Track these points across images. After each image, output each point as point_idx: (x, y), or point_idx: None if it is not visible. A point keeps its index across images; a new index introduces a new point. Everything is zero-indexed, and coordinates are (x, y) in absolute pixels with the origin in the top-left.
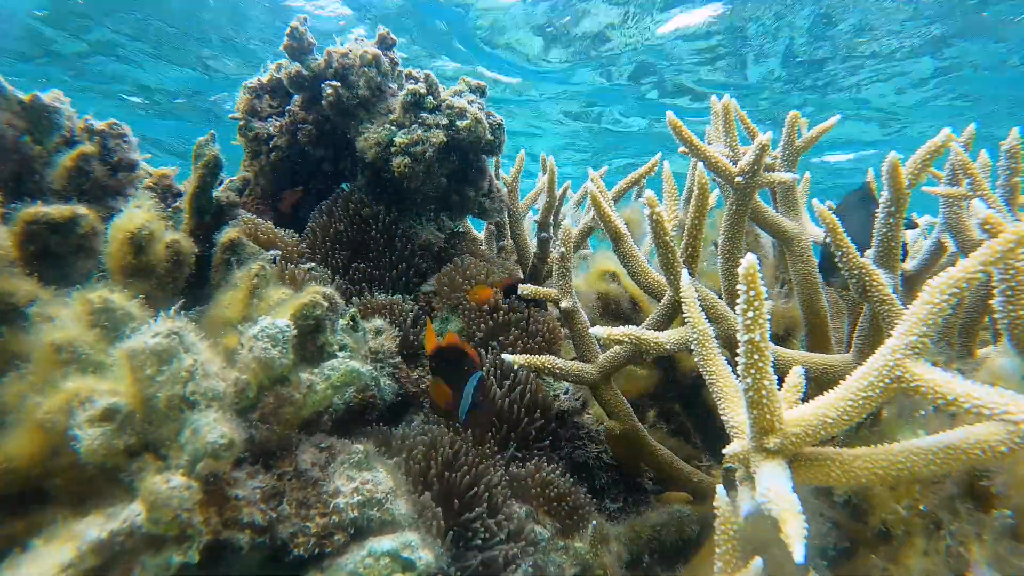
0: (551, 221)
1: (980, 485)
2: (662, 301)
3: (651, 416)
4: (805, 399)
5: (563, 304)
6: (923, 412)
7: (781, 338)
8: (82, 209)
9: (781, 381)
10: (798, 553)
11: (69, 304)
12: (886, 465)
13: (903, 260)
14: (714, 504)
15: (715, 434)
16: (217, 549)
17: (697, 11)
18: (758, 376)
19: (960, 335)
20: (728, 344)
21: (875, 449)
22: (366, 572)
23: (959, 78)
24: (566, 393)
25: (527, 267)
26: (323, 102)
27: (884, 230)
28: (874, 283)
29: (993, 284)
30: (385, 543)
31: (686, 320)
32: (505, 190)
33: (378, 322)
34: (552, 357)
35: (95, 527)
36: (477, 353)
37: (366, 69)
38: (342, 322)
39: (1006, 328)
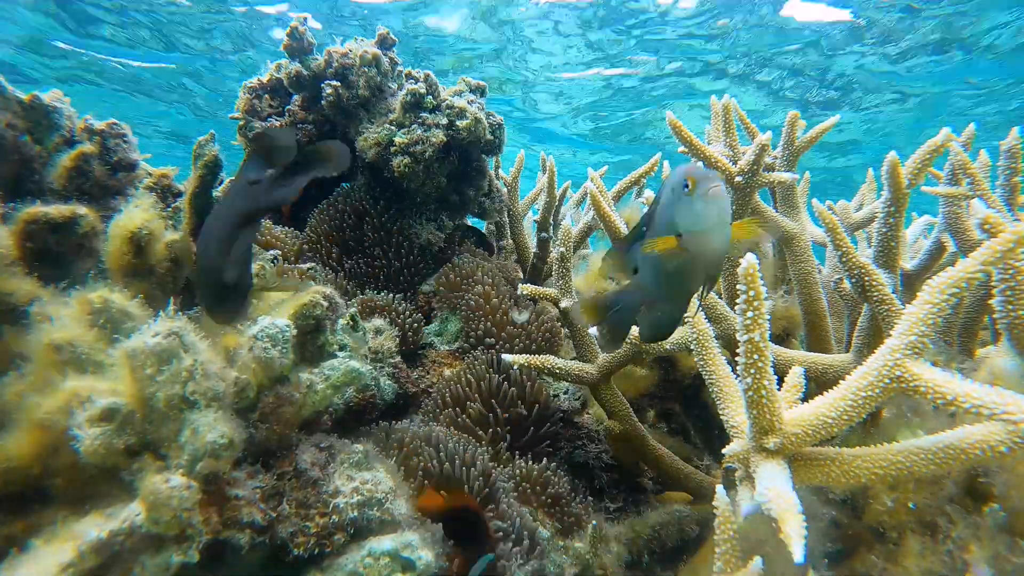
0: (551, 221)
1: (979, 481)
2: None
3: (651, 416)
4: (805, 399)
5: (563, 304)
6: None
7: (781, 338)
8: (82, 209)
9: (781, 381)
10: (797, 553)
11: (69, 304)
12: (886, 465)
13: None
14: (714, 504)
15: (715, 434)
16: (217, 549)
17: None
18: (758, 376)
19: (960, 335)
20: (728, 344)
21: (875, 449)
22: (366, 572)
23: None
24: (566, 393)
25: (527, 267)
26: (323, 102)
27: (884, 230)
28: (874, 283)
29: (993, 284)
30: (385, 543)
31: (686, 320)
32: (505, 190)
33: (378, 322)
34: (552, 357)
35: (95, 527)
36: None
37: (366, 69)
38: (342, 322)
39: (1006, 328)
